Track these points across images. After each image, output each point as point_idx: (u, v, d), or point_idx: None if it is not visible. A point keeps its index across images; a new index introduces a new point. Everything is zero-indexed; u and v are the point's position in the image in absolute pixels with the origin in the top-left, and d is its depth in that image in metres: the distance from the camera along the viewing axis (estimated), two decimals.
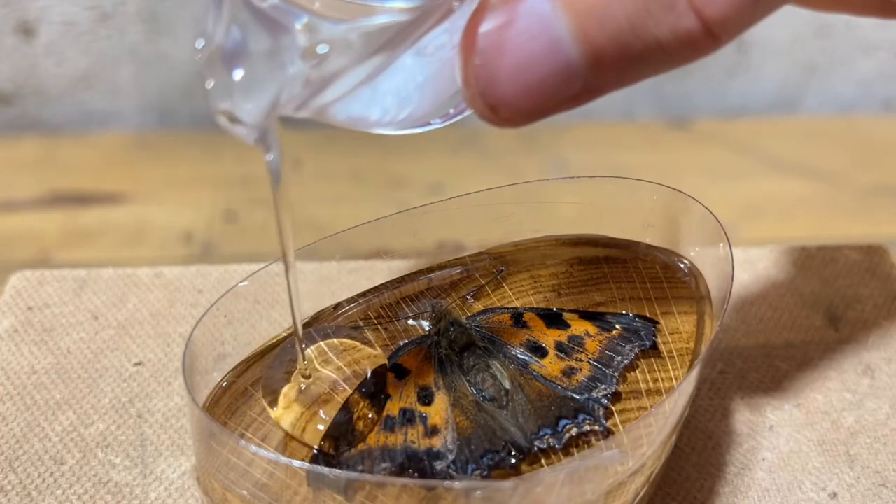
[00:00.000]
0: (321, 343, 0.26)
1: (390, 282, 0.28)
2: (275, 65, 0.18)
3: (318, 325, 0.27)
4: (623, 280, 0.28)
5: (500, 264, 0.29)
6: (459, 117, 0.21)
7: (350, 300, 0.28)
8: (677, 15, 0.17)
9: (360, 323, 0.27)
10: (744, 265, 0.35)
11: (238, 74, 0.18)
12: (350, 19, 0.18)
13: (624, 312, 0.27)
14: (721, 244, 0.26)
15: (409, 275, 0.29)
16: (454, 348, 0.26)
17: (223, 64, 0.18)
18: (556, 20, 0.18)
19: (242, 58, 0.18)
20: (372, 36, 0.18)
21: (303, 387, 0.25)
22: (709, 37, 0.18)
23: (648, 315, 0.27)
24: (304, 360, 0.25)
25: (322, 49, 0.18)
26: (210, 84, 0.18)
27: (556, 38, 0.18)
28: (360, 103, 0.20)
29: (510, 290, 0.28)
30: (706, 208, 0.27)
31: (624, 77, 0.19)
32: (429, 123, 0.21)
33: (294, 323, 0.24)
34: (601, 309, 0.28)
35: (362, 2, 0.18)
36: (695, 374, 0.24)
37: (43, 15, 0.50)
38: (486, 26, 0.18)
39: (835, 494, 0.28)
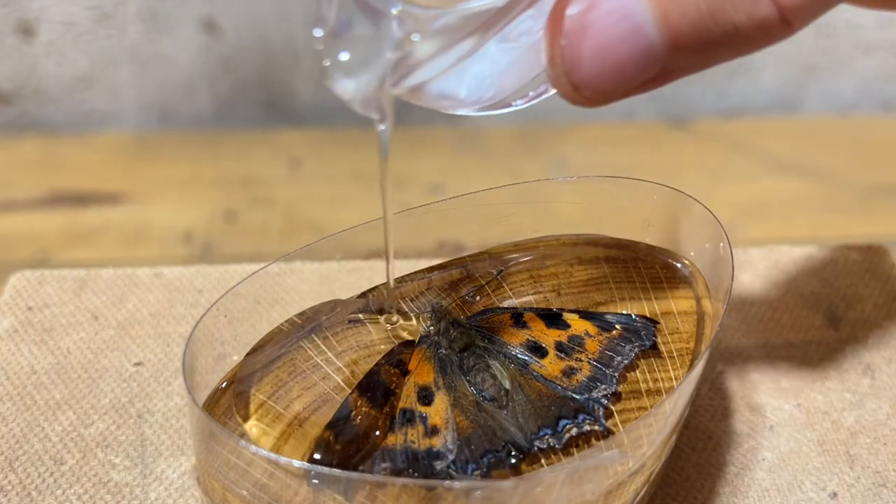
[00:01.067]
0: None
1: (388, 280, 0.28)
2: (376, 47, 0.20)
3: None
4: (623, 280, 0.28)
5: (499, 264, 0.29)
6: (539, 99, 0.22)
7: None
8: (755, 2, 0.19)
9: (361, 316, 0.27)
10: (744, 265, 0.35)
11: (345, 56, 0.20)
12: (444, 6, 0.20)
13: (624, 312, 0.27)
14: (721, 244, 0.26)
15: (409, 275, 0.29)
16: (454, 348, 0.26)
17: (334, 46, 0.20)
18: (638, 5, 0.19)
19: (349, 41, 0.20)
20: (466, 21, 0.20)
21: (388, 327, 0.27)
22: (783, 24, 0.19)
23: (648, 315, 0.27)
24: (393, 309, 0.27)
25: (415, 37, 0.20)
26: (326, 63, 0.20)
27: (638, 23, 0.19)
28: (450, 84, 0.21)
29: (510, 290, 0.28)
30: (706, 208, 0.27)
31: (700, 61, 0.20)
32: (510, 105, 0.23)
33: (388, 277, 0.26)
34: (601, 309, 0.28)
35: None
36: (695, 374, 0.24)
37: (43, 15, 0.50)
38: (572, 9, 0.19)
39: (835, 494, 0.28)
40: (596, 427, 0.25)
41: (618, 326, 0.27)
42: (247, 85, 0.53)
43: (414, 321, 0.27)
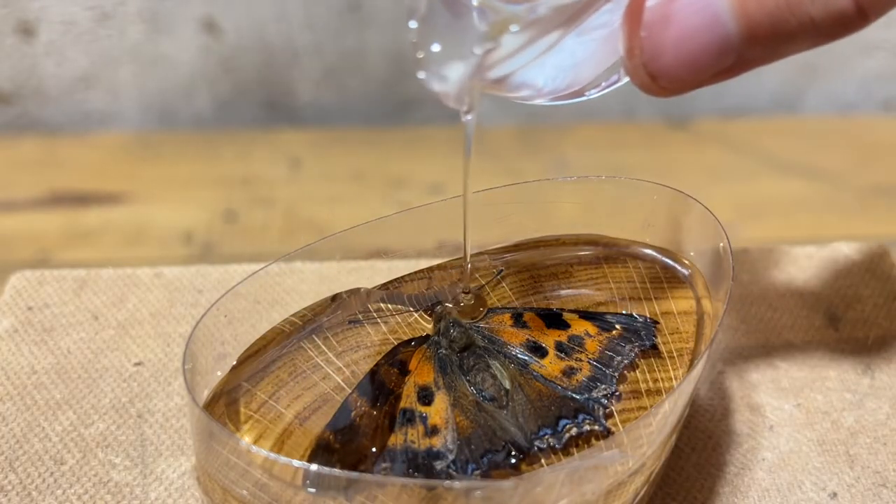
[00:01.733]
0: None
1: (390, 281, 0.28)
2: (466, 39, 0.20)
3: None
4: (623, 280, 0.28)
5: (500, 264, 0.29)
6: (611, 89, 0.23)
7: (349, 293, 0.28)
8: None
9: (360, 317, 0.27)
10: (744, 265, 0.35)
11: (437, 47, 0.21)
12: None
13: (624, 312, 0.27)
14: (721, 244, 0.26)
15: (409, 275, 0.29)
16: (454, 348, 0.26)
17: (427, 38, 0.21)
18: None
19: (440, 32, 0.21)
20: (555, 14, 0.20)
21: (461, 303, 0.27)
22: (860, 16, 0.19)
23: (648, 315, 0.27)
24: (468, 279, 0.27)
25: (514, 27, 0.20)
26: (420, 55, 0.21)
27: (716, 14, 0.20)
28: (531, 75, 0.22)
29: (510, 290, 0.28)
30: (706, 208, 0.27)
31: (775, 52, 0.20)
32: (583, 95, 0.23)
33: (465, 250, 0.26)
34: (601, 309, 0.28)
35: None
36: (695, 374, 0.24)
37: (43, 15, 0.50)
38: (652, 1, 0.20)
39: (835, 494, 0.28)
40: (596, 427, 0.25)
41: (618, 326, 0.27)
42: (247, 85, 0.53)
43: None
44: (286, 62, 0.52)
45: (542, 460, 0.24)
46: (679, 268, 0.28)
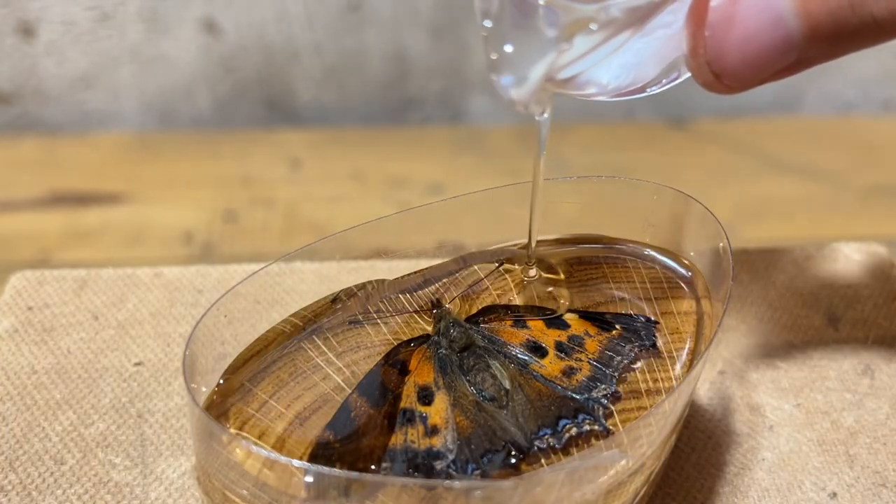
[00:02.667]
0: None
1: (387, 273, 0.28)
2: (539, 40, 0.21)
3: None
4: (623, 280, 0.28)
5: (500, 255, 0.29)
6: (671, 85, 0.24)
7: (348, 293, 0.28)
8: None
9: (360, 317, 0.27)
10: (744, 265, 0.35)
11: (509, 48, 0.21)
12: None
13: (624, 312, 0.27)
14: (721, 244, 0.26)
15: (408, 275, 0.29)
16: (454, 348, 0.26)
17: (497, 39, 0.21)
18: None
19: (510, 34, 0.21)
20: (627, 15, 0.21)
21: (525, 281, 0.28)
22: None
23: (648, 315, 0.27)
24: (531, 260, 0.28)
25: (594, 26, 0.20)
26: (493, 56, 0.21)
27: (779, 13, 0.20)
28: (598, 74, 0.22)
29: (511, 281, 0.28)
30: (706, 208, 0.27)
31: (835, 51, 0.21)
32: (645, 91, 0.24)
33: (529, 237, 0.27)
34: (601, 309, 0.28)
35: None
36: (695, 374, 0.24)
37: (43, 15, 0.50)
38: (717, 1, 0.20)
39: (834, 494, 0.28)
40: (596, 427, 0.25)
41: (618, 326, 0.27)
42: (247, 85, 0.53)
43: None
44: (286, 62, 0.52)
45: (542, 460, 0.24)
46: (679, 268, 0.28)
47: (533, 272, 0.28)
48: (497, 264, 0.29)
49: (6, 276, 0.34)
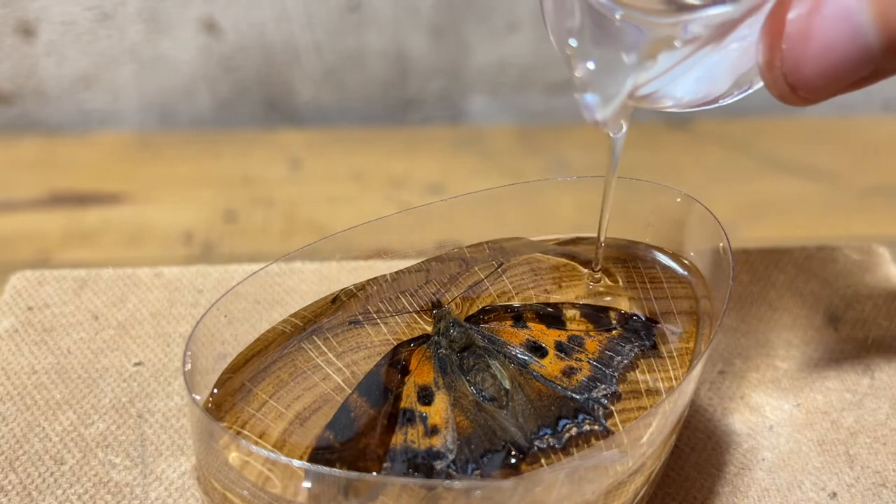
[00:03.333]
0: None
1: (387, 272, 0.28)
2: (620, 59, 0.21)
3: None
4: (623, 279, 0.28)
5: (499, 255, 0.29)
6: (743, 96, 0.24)
7: (348, 293, 0.28)
8: None
9: (360, 317, 0.27)
10: (744, 265, 0.35)
11: (592, 65, 0.21)
12: (678, 14, 0.20)
13: (623, 311, 0.27)
14: (721, 244, 0.26)
15: (407, 269, 0.29)
16: (454, 348, 0.26)
17: (581, 58, 0.21)
18: (860, 8, 0.20)
19: (595, 52, 0.21)
20: (711, 31, 0.21)
21: (591, 285, 0.28)
22: None
23: (648, 315, 0.27)
24: (598, 266, 0.28)
25: (677, 43, 0.20)
26: (578, 74, 0.21)
27: (857, 25, 0.20)
28: (674, 88, 0.22)
29: (510, 283, 0.28)
30: (706, 208, 0.27)
31: None
32: (717, 102, 0.24)
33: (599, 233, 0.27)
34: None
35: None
36: (695, 374, 0.24)
37: (43, 15, 0.50)
38: (793, 13, 0.20)
39: (834, 494, 0.28)
40: (596, 427, 0.25)
41: (618, 326, 0.27)
42: (247, 85, 0.53)
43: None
44: (286, 62, 0.52)
45: (542, 460, 0.24)
46: (679, 268, 0.28)
47: (599, 275, 0.28)
48: (497, 265, 0.29)
49: (6, 276, 0.34)
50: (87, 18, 0.50)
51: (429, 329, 0.27)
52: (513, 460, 0.24)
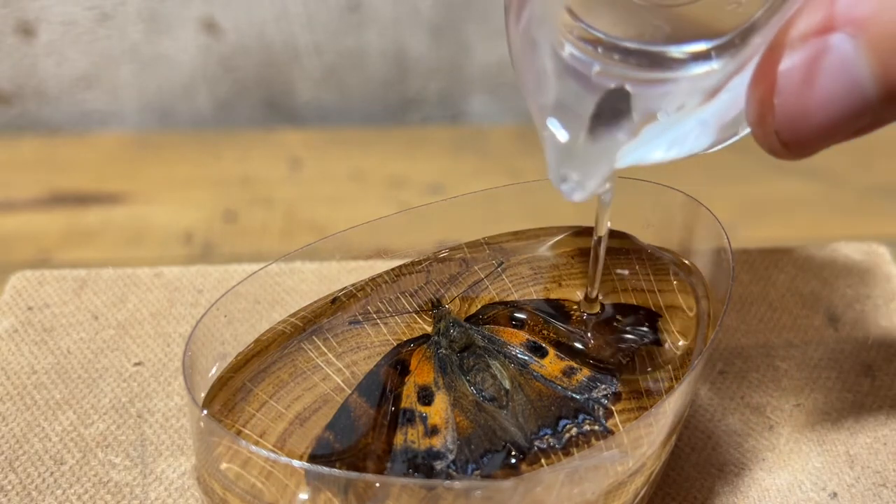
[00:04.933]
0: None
1: (387, 272, 0.28)
2: (603, 136, 0.19)
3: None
4: (625, 272, 0.28)
5: (499, 254, 0.29)
6: (728, 144, 0.22)
7: (347, 294, 0.28)
8: None
9: (360, 317, 0.27)
10: (744, 265, 0.35)
11: (565, 137, 0.19)
12: (661, 70, 0.19)
13: (625, 303, 0.27)
14: (721, 244, 0.26)
15: (406, 265, 0.29)
16: (454, 348, 0.26)
17: (560, 134, 0.20)
18: (858, 61, 0.18)
19: (573, 127, 0.20)
20: (700, 96, 0.19)
21: (585, 315, 0.27)
22: None
23: (651, 307, 0.27)
24: (595, 287, 0.27)
25: (662, 116, 0.19)
26: (555, 167, 0.20)
27: (856, 78, 0.19)
28: (651, 155, 0.21)
29: (510, 281, 0.28)
30: (706, 208, 0.27)
31: None
32: (698, 153, 0.22)
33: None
34: (605, 301, 0.28)
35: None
36: (695, 374, 0.24)
37: (43, 15, 0.50)
38: (786, 66, 0.19)
39: (835, 494, 0.28)
40: (596, 427, 0.25)
41: (620, 318, 0.27)
42: (247, 85, 0.53)
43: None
44: (286, 62, 0.52)
45: (542, 460, 0.24)
46: (679, 268, 0.28)
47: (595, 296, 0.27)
48: (497, 264, 0.29)
49: (6, 276, 0.34)
50: (87, 18, 0.50)
51: (429, 329, 0.27)
52: (513, 460, 0.24)
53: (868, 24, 0.18)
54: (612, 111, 0.19)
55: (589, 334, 0.27)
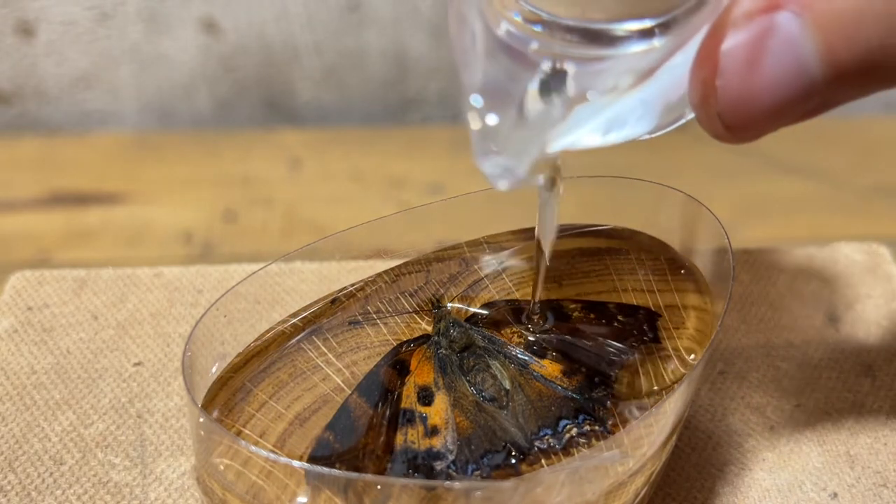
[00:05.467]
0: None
1: (386, 271, 0.28)
2: (539, 114, 0.19)
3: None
4: (625, 272, 0.28)
5: (499, 254, 0.29)
6: (671, 129, 0.22)
7: (347, 294, 0.28)
8: None
9: (359, 317, 0.27)
10: (744, 265, 0.35)
11: (492, 120, 0.19)
12: (599, 47, 0.18)
13: (625, 304, 0.27)
14: (721, 244, 0.26)
15: (406, 265, 0.29)
16: (454, 348, 0.26)
17: (483, 114, 0.19)
18: (804, 40, 0.18)
19: (495, 100, 0.19)
20: (635, 76, 0.18)
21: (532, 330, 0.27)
22: None
23: (651, 307, 0.27)
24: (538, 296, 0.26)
25: (592, 94, 0.18)
26: (475, 127, 0.19)
27: (801, 58, 0.18)
28: (585, 140, 0.20)
29: (510, 281, 0.28)
30: (706, 208, 0.27)
31: (862, 92, 0.19)
32: (643, 138, 0.22)
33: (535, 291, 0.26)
34: (603, 298, 0.28)
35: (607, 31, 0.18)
36: (695, 374, 0.24)
37: (43, 15, 0.50)
38: (729, 45, 0.18)
39: (835, 495, 0.28)
40: (596, 427, 0.24)
41: (619, 317, 0.27)
42: (247, 85, 0.53)
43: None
44: (286, 62, 0.52)
45: (543, 461, 0.24)
46: (681, 263, 0.28)
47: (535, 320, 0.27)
48: (497, 263, 0.29)
49: (6, 276, 0.34)
50: (87, 18, 0.50)
51: (429, 329, 0.27)
52: (513, 461, 0.24)
53: (814, 3, 0.18)
54: (544, 91, 0.19)
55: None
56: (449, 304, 0.28)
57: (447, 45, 0.52)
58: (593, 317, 0.27)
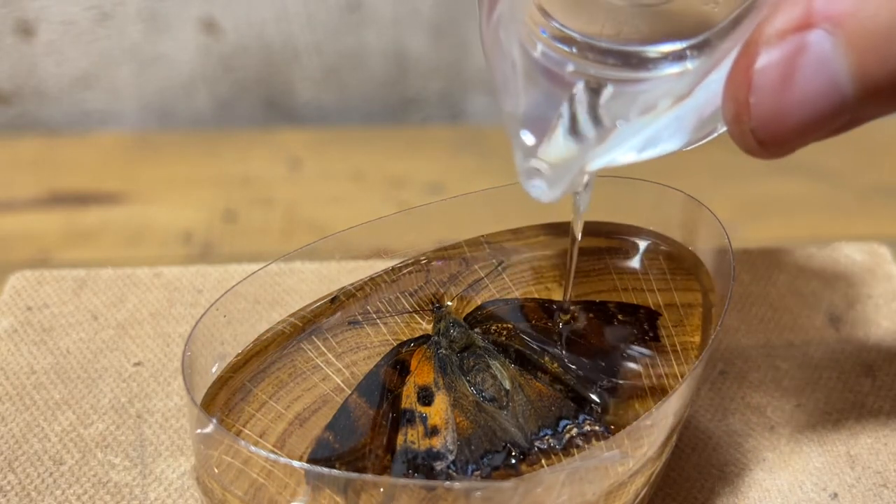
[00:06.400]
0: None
1: (386, 271, 0.28)
2: (575, 130, 0.19)
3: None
4: (625, 271, 0.28)
5: (499, 254, 0.29)
6: (704, 142, 0.22)
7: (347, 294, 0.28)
8: None
9: (359, 317, 0.27)
10: (744, 265, 0.35)
11: (535, 143, 0.19)
12: (635, 69, 0.19)
13: (625, 303, 0.27)
14: (722, 244, 0.26)
15: (405, 265, 0.29)
16: (454, 348, 0.26)
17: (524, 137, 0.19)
18: (837, 58, 0.18)
19: (535, 122, 0.19)
20: (672, 98, 0.19)
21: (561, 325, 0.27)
22: None
23: (651, 307, 0.27)
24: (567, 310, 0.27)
25: (621, 121, 0.19)
26: (523, 163, 0.19)
27: (834, 76, 0.18)
28: (623, 157, 0.21)
29: (510, 280, 0.28)
30: (706, 208, 0.27)
31: (893, 109, 0.19)
32: (671, 153, 0.22)
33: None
34: (603, 297, 0.28)
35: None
36: (695, 373, 0.24)
37: (43, 15, 0.50)
38: (762, 63, 0.18)
39: (835, 495, 0.28)
40: (596, 427, 0.24)
41: (620, 317, 0.27)
42: (247, 85, 0.53)
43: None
44: (286, 62, 0.52)
45: (543, 461, 0.24)
46: (684, 259, 0.28)
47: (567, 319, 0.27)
48: (497, 263, 0.29)
49: (5, 276, 0.34)
50: (87, 18, 0.50)
51: (429, 329, 0.27)
52: (513, 461, 0.24)
53: (846, 21, 0.18)
54: (583, 112, 0.19)
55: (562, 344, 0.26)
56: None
57: (447, 45, 0.52)
58: (593, 317, 0.27)
